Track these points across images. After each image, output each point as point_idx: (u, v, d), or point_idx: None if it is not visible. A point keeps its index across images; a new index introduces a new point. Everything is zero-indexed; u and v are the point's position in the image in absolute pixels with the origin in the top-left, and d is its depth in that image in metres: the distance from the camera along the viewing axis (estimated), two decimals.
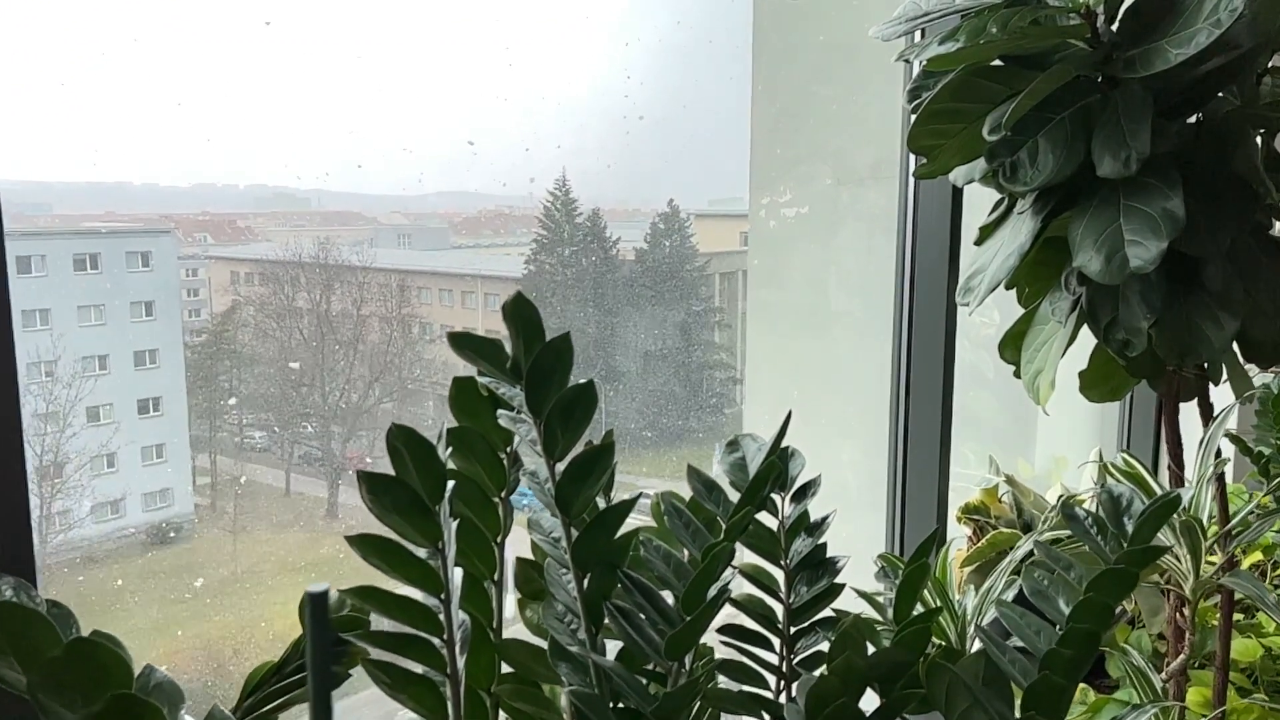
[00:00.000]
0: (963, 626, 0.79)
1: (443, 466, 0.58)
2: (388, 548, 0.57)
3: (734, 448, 0.73)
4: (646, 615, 0.65)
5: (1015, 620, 0.70)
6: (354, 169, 2.52)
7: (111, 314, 2.56)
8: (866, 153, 1.45)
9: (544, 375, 0.64)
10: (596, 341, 2.58)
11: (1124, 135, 0.87)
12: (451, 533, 0.60)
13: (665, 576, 0.67)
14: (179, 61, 2.25)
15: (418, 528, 0.58)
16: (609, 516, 0.65)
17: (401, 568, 0.58)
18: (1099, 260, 0.88)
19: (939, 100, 0.92)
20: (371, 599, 0.58)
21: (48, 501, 2.58)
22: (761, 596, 0.77)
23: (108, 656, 0.48)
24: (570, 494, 0.65)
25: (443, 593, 0.59)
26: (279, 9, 2.13)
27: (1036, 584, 0.70)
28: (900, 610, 0.70)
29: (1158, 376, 1.04)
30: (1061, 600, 0.69)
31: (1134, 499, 0.70)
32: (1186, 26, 0.84)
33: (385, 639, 0.59)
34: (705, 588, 0.64)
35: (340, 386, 2.62)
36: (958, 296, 1.00)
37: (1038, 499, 1.24)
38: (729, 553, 0.63)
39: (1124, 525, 0.69)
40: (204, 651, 2.64)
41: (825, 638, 0.75)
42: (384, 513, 0.57)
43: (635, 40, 2.50)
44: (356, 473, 0.56)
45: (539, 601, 0.73)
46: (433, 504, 0.58)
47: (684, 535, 0.69)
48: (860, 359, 1.51)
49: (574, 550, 0.65)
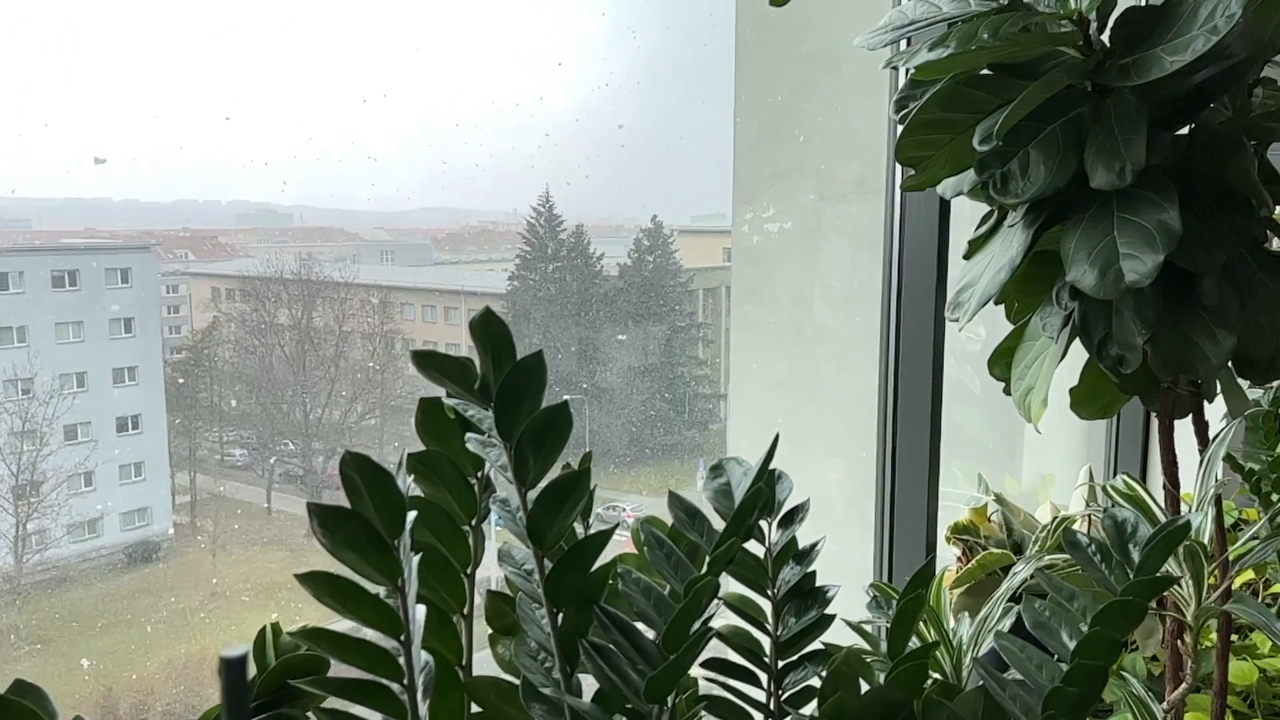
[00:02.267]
0: (958, 658, 0.74)
1: (402, 497, 0.52)
2: (341, 587, 0.52)
3: (718, 472, 0.68)
4: (625, 654, 0.60)
5: (1016, 654, 0.65)
6: (336, 184, 2.46)
7: (90, 331, 2.48)
8: (851, 167, 1.40)
9: (514, 397, 0.58)
10: (579, 357, 2.53)
11: (1118, 145, 0.83)
12: (412, 569, 0.54)
13: (645, 612, 0.61)
14: (165, 73, 2.18)
15: (374, 564, 0.52)
16: (585, 549, 0.59)
17: (357, 608, 0.52)
18: (1093, 274, 0.84)
19: (927, 110, 0.88)
20: (322, 641, 0.52)
21: (23, 521, 2.50)
22: (747, 628, 0.72)
23: (22, 716, 0.42)
24: (543, 524, 0.59)
25: (403, 634, 0.53)
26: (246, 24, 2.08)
27: (1038, 615, 0.65)
28: (895, 645, 0.65)
29: (1151, 393, 0.99)
30: (1064, 633, 0.64)
31: (1139, 524, 0.65)
32: (1182, 33, 0.80)
33: (340, 685, 0.54)
34: (688, 625, 0.58)
35: (322, 403, 2.55)
36: (947, 312, 0.95)
37: (1028, 518, 1.20)
38: (714, 587, 0.58)
39: (1129, 553, 0.64)
40: (182, 674, 2.56)
41: (815, 673, 0.70)
42: (337, 548, 0.52)
43: (619, 58, 2.46)
44: (307, 504, 0.51)
45: (511, 637, 0.68)
46: (391, 538, 0.52)
47: (665, 567, 0.63)
48: (845, 374, 1.46)
49: (547, 584, 0.60)
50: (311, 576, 0.52)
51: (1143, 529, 0.65)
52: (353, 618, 0.53)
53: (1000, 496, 1.20)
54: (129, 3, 2.36)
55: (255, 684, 0.62)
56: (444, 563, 0.67)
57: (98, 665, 2.40)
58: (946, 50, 0.79)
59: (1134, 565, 0.63)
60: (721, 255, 2.81)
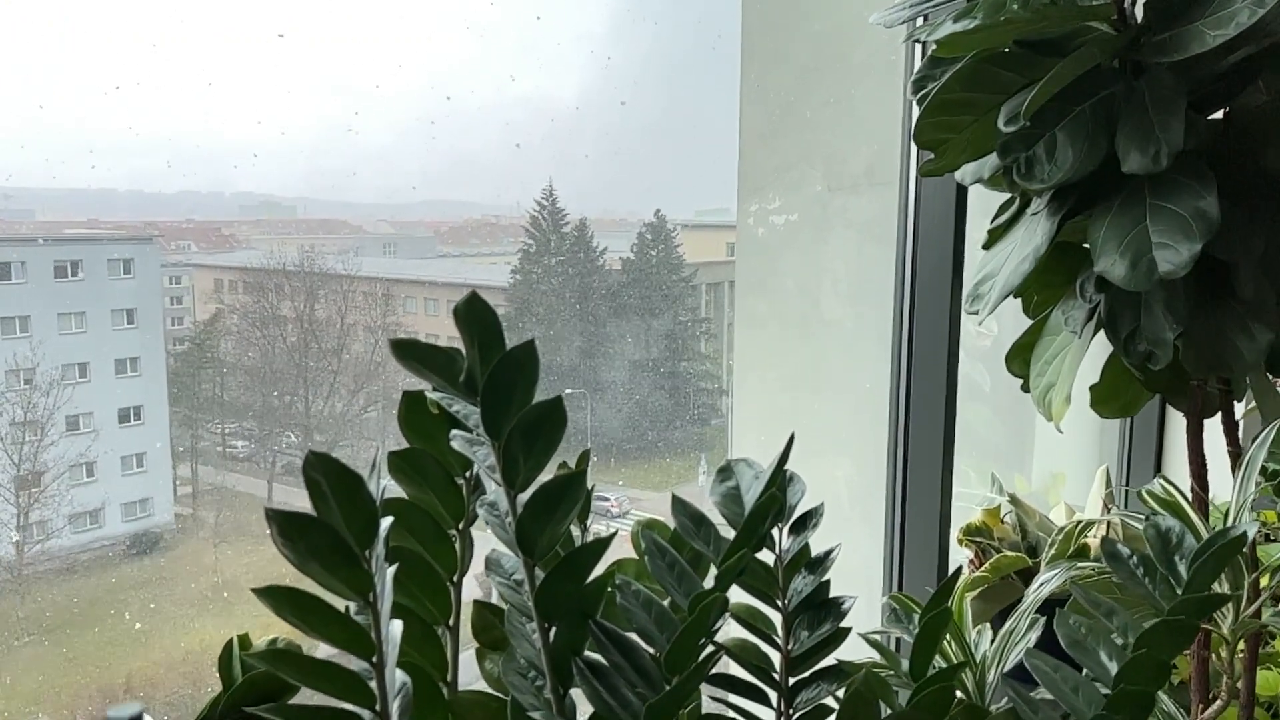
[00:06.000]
0: (981, 674, 0.67)
1: (373, 503, 0.45)
2: (305, 603, 0.45)
3: (726, 475, 0.61)
4: (623, 674, 0.53)
5: (1050, 675, 0.58)
6: (339, 176, 2.39)
7: (93, 321, 2.42)
8: (861, 155, 1.33)
9: (503, 390, 0.51)
10: (582, 350, 2.46)
11: (1153, 127, 0.76)
12: (387, 582, 0.47)
13: (646, 628, 0.54)
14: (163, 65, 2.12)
15: (342, 578, 0.45)
16: (579, 558, 0.52)
17: (322, 627, 0.45)
18: (1123, 265, 0.77)
19: (948, 90, 0.81)
20: (282, 664, 0.45)
21: (25, 511, 2.44)
22: (755, 642, 0.65)
23: None
24: (534, 531, 0.52)
25: (375, 655, 0.47)
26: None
27: (1073, 632, 0.58)
28: (917, 664, 0.58)
29: (1177, 392, 0.92)
30: (1103, 653, 0.57)
31: (1185, 535, 0.58)
32: (1225, 6, 0.72)
33: (302, 714, 0.47)
34: (694, 644, 0.51)
35: (324, 395, 2.49)
36: (966, 305, 0.88)
37: (1043, 520, 1.13)
38: (722, 603, 0.51)
39: (1176, 567, 0.57)
40: (183, 665, 2.50)
41: (829, 691, 0.63)
42: (301, 560, 0.45)
43: (624, 50, 2.38)
44: (265, 510, 0.44)
45: (499, 652, 0.61)
46: (361, 548, 0.45)
47: (668, 579, 0.56)
48: (852, 370, 1.39)
49: (538, 597, 0.53)
50: (271, 591, 0.45)
51: (1188, 540, 0.58)
52: (318, 637, 0.46)
53: (1014, 497, 1.13)
54: (130, 4, 2.30)
55: (218, 704, 0.55)
56: (427, 570, 0.60)
57: (97, 654, 2.34)
58: (974, 21, 0.72)
59: (1181, 580, 0.56)
60: (725, 250, 2.74)
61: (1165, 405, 1.55)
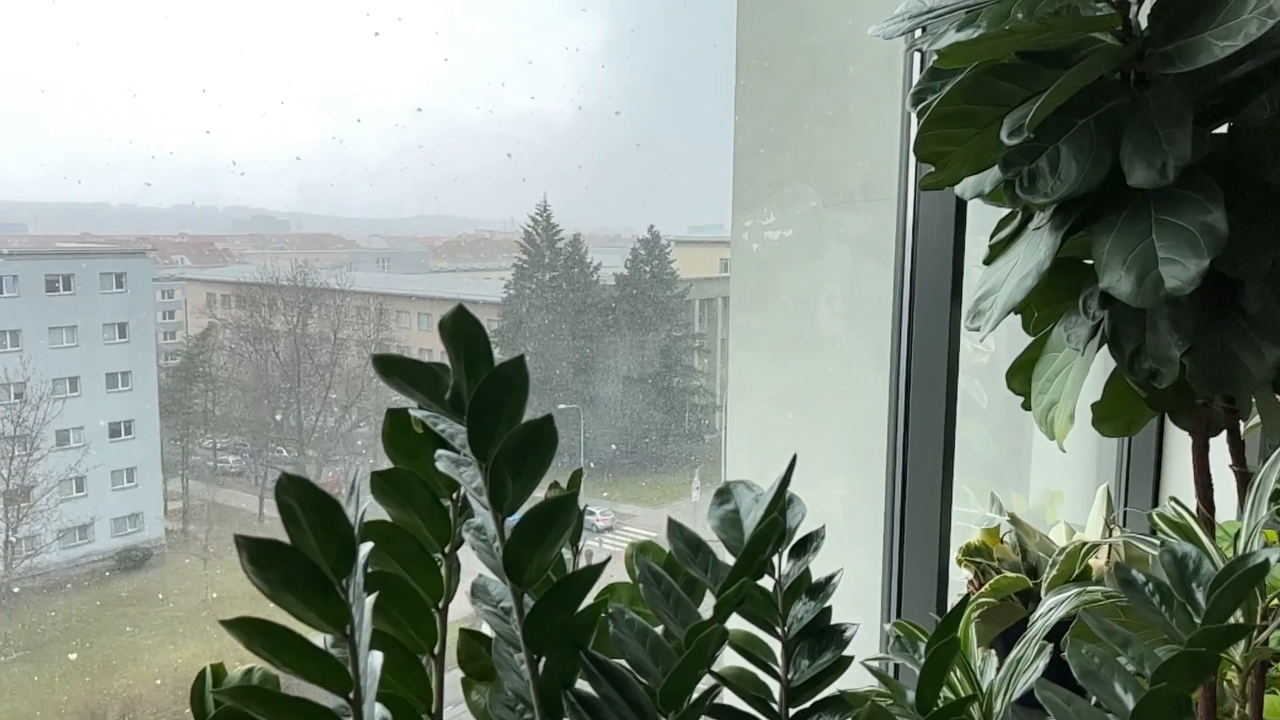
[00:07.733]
0: (988, 705, 0.64)
1: (351, 530, 0.42)
2: (277, 635, 0.41)
3: (725, 498, 0.57)
4: (616, 709, 0.49)
5: (1063, 707, 0.54)
6: (333, 191, 2.36)
7: (84, 335, 2.38)
8: (857, 170, 1.31)
9: (491, 409, 0.48)
10: (575, 365, 2.43)
11: (1159, 140, 0.73)
12: (365, 613, 0.44)
13: (640, 660, 0.51)
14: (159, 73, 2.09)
15: (317, 609, 0.42)
16: (570, 586, 0.49)
17: (295, 662, 0.42)
18: (1129, 281, 0.74)
19: (949, 102, 0.78)
20: (252, 701, 0.42)
21: (13, 526, 2.39)
22: (753, 670, 0.61)
23: None
24: (522, 557, 0.49)
25: (351, 691, 0.43)
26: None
27: (1086, 663, 0.55)
28: (925, 696, 0.54)
29: (1181, 410, 0.89)
30: (1118, 684, 0.54)
31: (1203, 562, 0.55)
32: (1233, 16, 0.70)
33: None
34: (690, 678, 0.48)
35: (316, 410, 2.45)
36: (967, 321, 0.85)
37: (1043, 540, 1.10)
38: (720, 635, 0.48)
39: (1194, 595, 0.54)
40: (172, 681, 2.44)
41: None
42: (274, 590, 0.41)
43: (618, 65, 2.36)
44: (234, 536, 0.40)
45: (486, 682, 0.57)
46: (338, 578, 0.42)
47: (663, 608, 0.53)
48: (849, 387, 1.36)
49: (527, 626, 0.50)
50: (241, 623, 0.41)
51: (1206, 567, 0.55)
52: (291, 672, 0.43)
53: (1014, 517, 1.10)
54: (132, 6, 2.27)
55: None
56: (411, 596, 0.56)
57: (87, 671, 2.29)
58: (977, 31, 0.69)
59: (1200, 609, 0.53)
60: (718, 266, 2.71)
61: (1164, 423, 1.52)
